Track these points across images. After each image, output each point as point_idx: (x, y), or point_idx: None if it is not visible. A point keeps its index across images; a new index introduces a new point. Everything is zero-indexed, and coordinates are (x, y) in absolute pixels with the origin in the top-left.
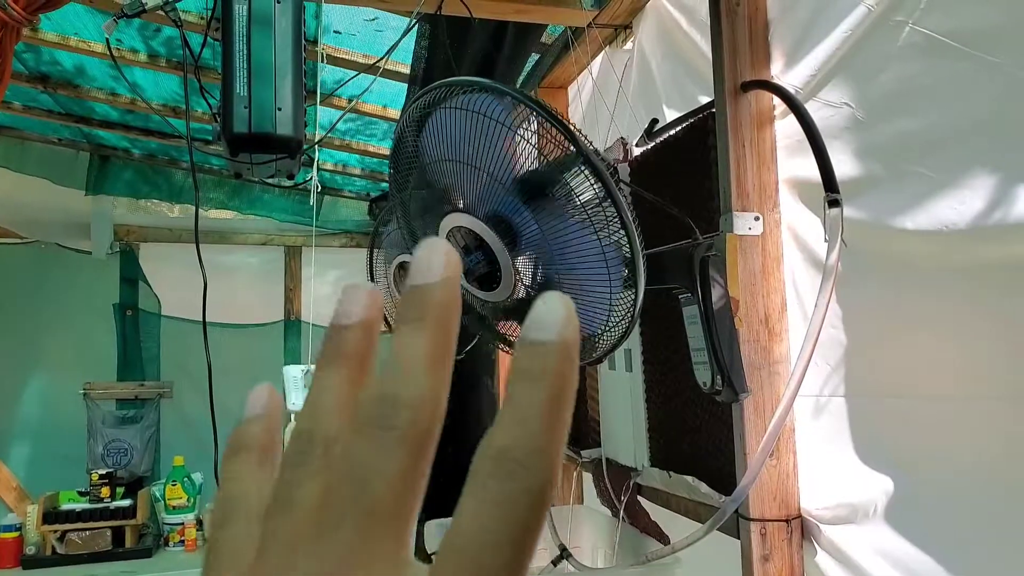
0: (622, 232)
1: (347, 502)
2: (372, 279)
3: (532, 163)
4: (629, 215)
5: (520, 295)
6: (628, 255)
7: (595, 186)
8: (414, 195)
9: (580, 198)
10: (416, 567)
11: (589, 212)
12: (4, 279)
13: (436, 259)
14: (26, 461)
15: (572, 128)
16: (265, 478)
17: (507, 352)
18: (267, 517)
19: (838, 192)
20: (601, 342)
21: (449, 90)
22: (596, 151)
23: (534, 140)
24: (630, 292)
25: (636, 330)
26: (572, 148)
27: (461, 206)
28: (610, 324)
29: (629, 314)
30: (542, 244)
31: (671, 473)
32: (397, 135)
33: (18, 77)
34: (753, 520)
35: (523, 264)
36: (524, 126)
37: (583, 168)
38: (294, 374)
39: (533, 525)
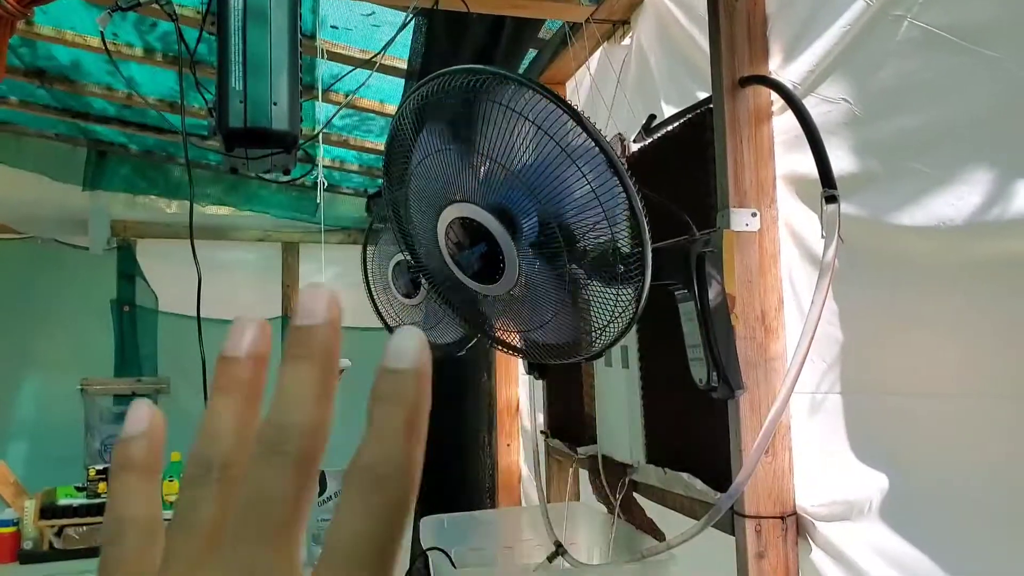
0: (628, 222)
1: (247, 520)
2: (367, 276)
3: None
4: (639, 204)
5: (521, 291)
6: (634, 248)
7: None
8: (412, 186)
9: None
10: None
11: (602, 201)
12: (1, 275)
13: (320, 303)
14: (23, 456)
15: (583, 117)
16: (152, 494)
17: (506, 353)
18: (169, 535)
19: (835, 188)
20: (604, 335)
21: (452, 78)
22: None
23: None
24: (629, 287)
25: (632, 327)
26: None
27: (459, 199)
28: (615, 316)
29: (631, 307)
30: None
31: (666, 470)
32: (393, 128)
33: (15, 72)
34: (748, 517)
35: (526, 255)
36: (532, 115)
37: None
38: None
39: (396, 532)
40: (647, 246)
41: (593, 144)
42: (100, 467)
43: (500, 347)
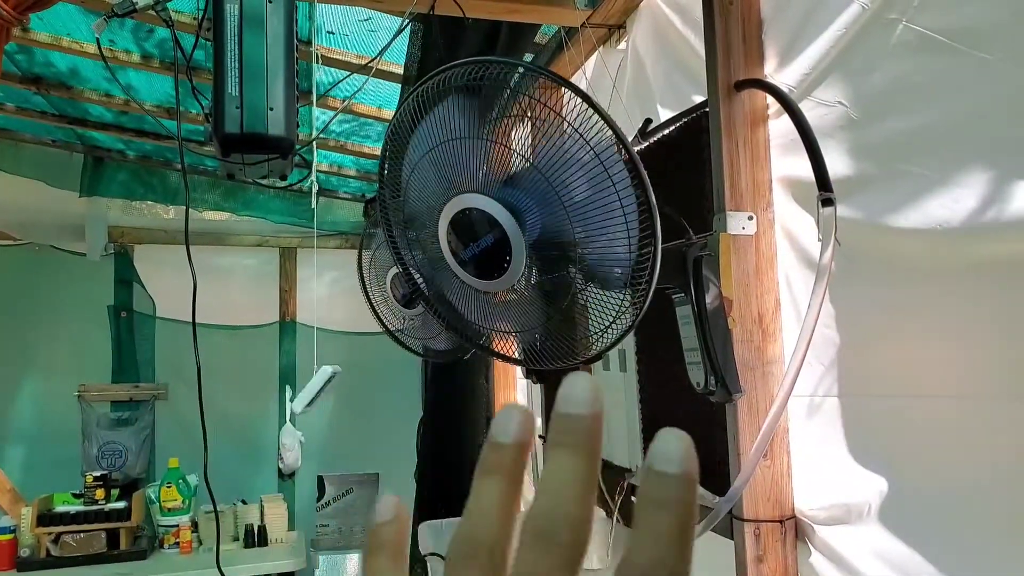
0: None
1: None
2: (363, 281)
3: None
4: (654, 199)
5: (522, 289)
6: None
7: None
8: (412, 180)
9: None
10: None
11: (621, 197)
12: None
13: (585, 392)
14: (20, 463)
15: (600, 107)
16: (403, 571)
17: (501, 360)
18: None
19: (832, 191)
20: (603, 339)
21: (465, 69)
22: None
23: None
24: (629, 291)
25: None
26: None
27: (467, 189)
28: (615, 319)
29: (631, 312)
30: (557, 223)
31: None
32: (394, 124)
33: (11, 78)
34: (747, 521)
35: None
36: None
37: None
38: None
39: None
40: (658, 248)
41: (613, 142)
42: (97, 474)
43: (494, 355)
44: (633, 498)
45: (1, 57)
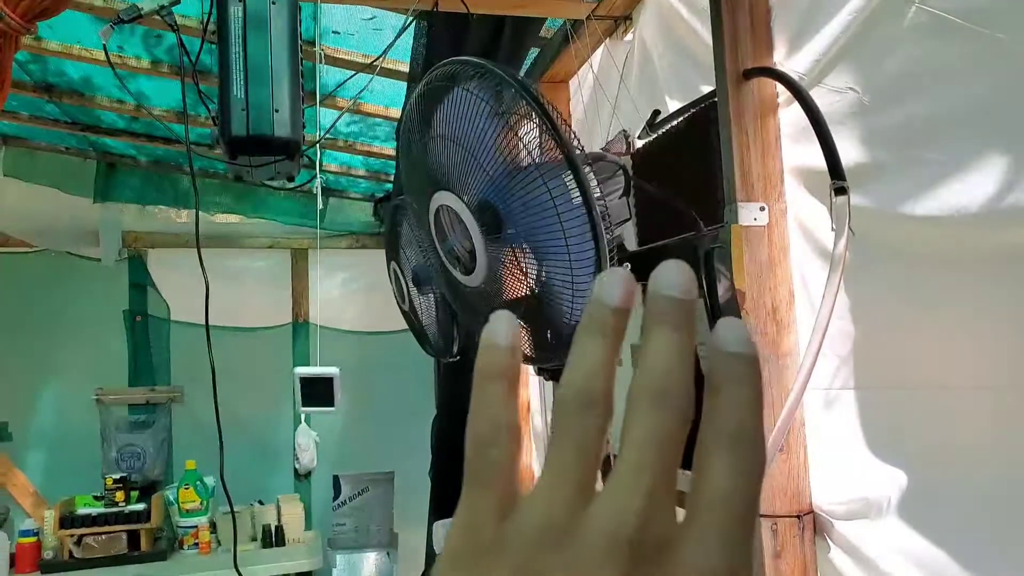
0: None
1: (660, 466)
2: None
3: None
4: (599, 215)
5: (488, 284)
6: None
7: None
8: (416, 163)
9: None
10: None
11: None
12: (16, 288)
13: (683, 279)
14: (42, 467)
15: (561, 123)
16: (517, 405)
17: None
18: (558, 453)
19: (845, 180)
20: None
21: (462, 68)
22: (581, 149)
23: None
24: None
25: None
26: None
27: (443, 187)
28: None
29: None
30: (521, 235)
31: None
32: (407, 114)
33: (24, 87)
34: (764, 516)
35: (508, 254)
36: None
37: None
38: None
39: (759, 488)
40: (603, 247)
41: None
42: (117, 476)
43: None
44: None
45: (11, 65)
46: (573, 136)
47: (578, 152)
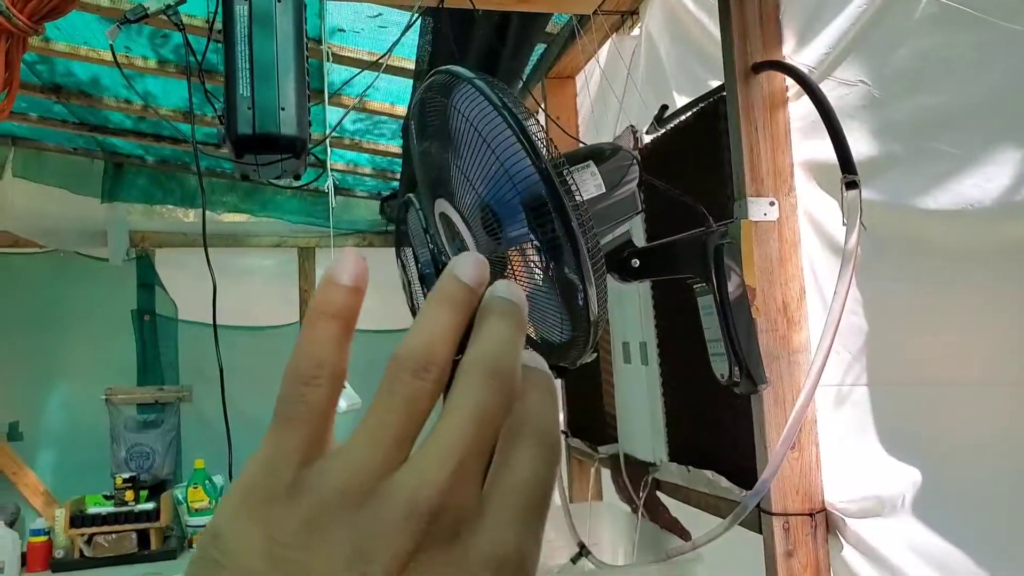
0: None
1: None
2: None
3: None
4: (583, 246)
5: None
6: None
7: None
8: (423, 161)
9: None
10: None
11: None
12: (25, 288)
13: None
14: (52, 466)
15: (536, 138)
16: (346, 348)
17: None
18: (383, 407)
19: (856, 173)
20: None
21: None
22: (560, 174)
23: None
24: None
25: (651, 323)
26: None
27: (440, 194)
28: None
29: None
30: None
31: (690, 468)
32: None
33: (31, 88)
34: (776, 515)
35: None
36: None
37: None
38: None
39: (555, 477)
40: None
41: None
42: (126, 475)
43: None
44: (658, 492)
45: (19, 66)
46: (554, 149)
47: (561, 171)
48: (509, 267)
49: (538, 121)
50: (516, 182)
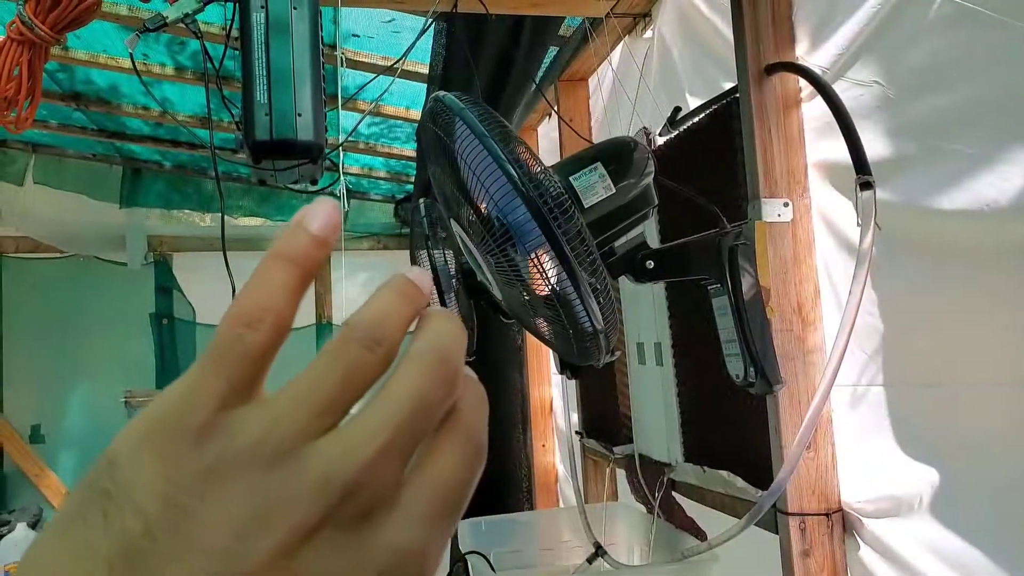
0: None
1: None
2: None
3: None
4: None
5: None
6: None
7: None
8: (434, 180)
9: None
10: None
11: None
12: (46, 293)
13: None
14: (73, 468)
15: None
16: (298, 297)
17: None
18: (326, 374)
19: (870, 174)
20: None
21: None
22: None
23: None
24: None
25: (665, 323)
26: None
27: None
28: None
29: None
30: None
31: (705, 468)
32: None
33: (52, 96)
34: (792, 515)
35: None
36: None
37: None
38: None
39: (476, 478)
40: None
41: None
42: None
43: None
44: (674, 493)
45: (41, 76)
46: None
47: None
48: (524, 275)
49: (529, 148)
50: (509, 220)
